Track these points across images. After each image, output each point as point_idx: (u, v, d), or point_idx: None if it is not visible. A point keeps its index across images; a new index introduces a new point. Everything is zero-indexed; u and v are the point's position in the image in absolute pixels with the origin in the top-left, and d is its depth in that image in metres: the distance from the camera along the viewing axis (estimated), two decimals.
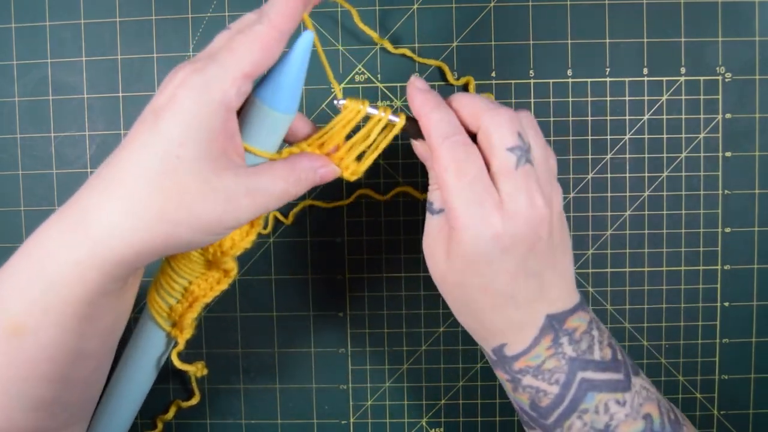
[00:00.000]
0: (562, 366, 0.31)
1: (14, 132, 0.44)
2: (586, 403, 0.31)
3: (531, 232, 0.30)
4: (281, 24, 0.27)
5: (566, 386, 0.31)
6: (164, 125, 0.25)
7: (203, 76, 0.26)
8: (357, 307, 0.45)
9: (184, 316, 0.35)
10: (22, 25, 0.44)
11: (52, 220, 0.27)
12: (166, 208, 0.25)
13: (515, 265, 0.30)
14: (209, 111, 0.25)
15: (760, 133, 0.44)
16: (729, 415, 0.45)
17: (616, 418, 0.31)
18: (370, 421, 0.46)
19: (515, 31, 0.43)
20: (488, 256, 0.30)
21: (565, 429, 0.32)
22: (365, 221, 0.45)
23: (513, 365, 0.32)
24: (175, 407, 0.45)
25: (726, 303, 0.44)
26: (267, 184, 0.28)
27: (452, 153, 0.30)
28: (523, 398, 0.33)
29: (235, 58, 0.26)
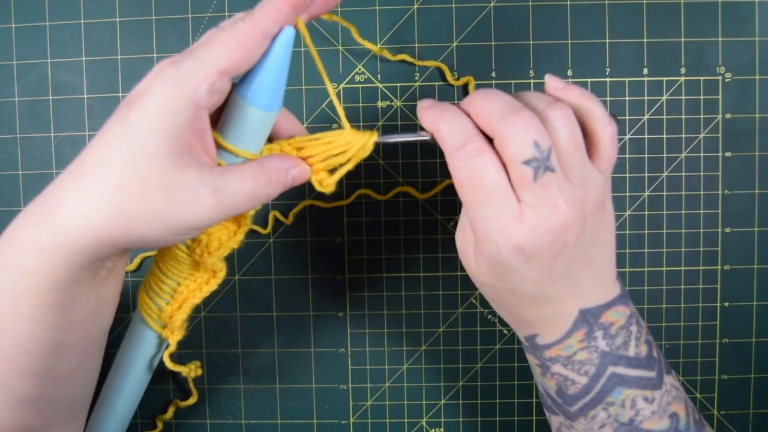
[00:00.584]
0: (593, 359, 0.31)
1: (14, 132, 0.44)
2: (613, 397, 0.31)
3: (555, 240, 0.28)
4: (264, 25, 0.26)
5: (595, 378, 0.31)
6: (133, 116, 0.25)
7: (177, 70, 0.25)
8: (357, 307, 0.45)
9: (174, 317, 0.34)
10: (22, 25, 0.44)
11: (23, 213, 0.27)
12: (125, 199, 0.25)
13: (540, 272, 0.29)
14: (178, 104, 0.25)
15: (760, 133, 0.44)
16: (729, 415, 0.45)
17: (641, 414, 0.31)
18: (370, 421, 0.46)
19: (515, 31, 0.43)
20: (510, 266, 0.29)
21: (588, 418, 0.32)
22: (365, 221, 0.45)
23: (544, 353, 0.32)
24: (174, 407, 0.45)
25: (726, 303, 0.44)
26: (234, 184, 0.27)
27: (465, 166, 0.29)
28: (550, 383, 0.33)
29: (211, 54, 0.26)
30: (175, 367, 0.36)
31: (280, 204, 0.44)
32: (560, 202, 0.28)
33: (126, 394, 0.37)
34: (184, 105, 0.25)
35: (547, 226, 0.28)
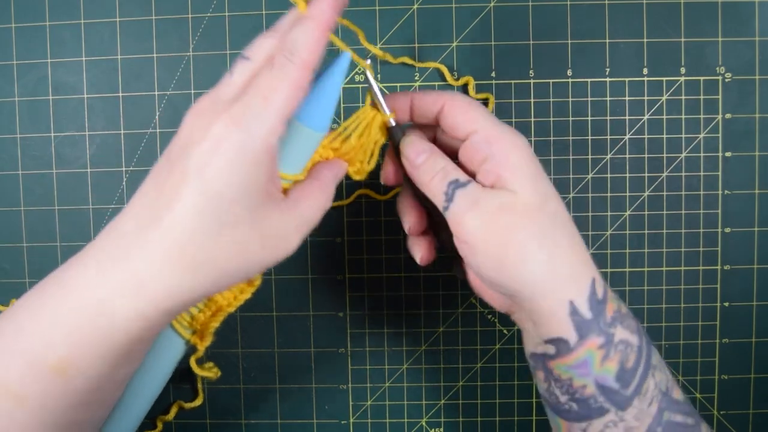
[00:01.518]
0: (627, 311, 0.30)
1: (14, 132, 0.44)
2: (654, 358, 0.30)
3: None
4: (311, 59, 0.27)
5: (640, 334, 0.30)
6: (216, 185, 0.25)
7: (244, 132, 0.25)
8: (357, 307, 0.45)
9: (207, 325, 0.35)
10: (22, 25, 0.44)
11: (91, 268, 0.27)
12: (226, 260, 0.26)
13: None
14: (255, 164, 0.26)
15: (760, 133, 0.44)
16: (729, 415, 0.45)
17: (670, 380, 0.31)
18: (370, 421, 0.46)
19: (515, 31, 0.43)
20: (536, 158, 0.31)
21: (642, 395, 0.30)
22: (365, 221, 0.45)
23: (606, 314, 0.30)
24: (177, 408, 0.45)
25: (726, 303, 0.44)
26: (309, 213, 0.29)
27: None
28: (611, 366, 0.30)
29: (272, 107, 0.26)
30: (202, 372, 0.37)
31: None
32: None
33: (146, 396, 0.37)
34: (262, 162, 0.26)
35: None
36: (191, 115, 0.27)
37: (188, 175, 0.25)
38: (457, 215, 0.30)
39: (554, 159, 0.44)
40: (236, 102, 0.26)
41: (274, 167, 0.27)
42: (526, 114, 0.43)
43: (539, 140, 0.44)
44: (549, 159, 0.44)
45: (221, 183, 0.25)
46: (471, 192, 0.30)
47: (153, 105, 0.44)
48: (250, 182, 0.26)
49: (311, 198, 0.30)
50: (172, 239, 0.25)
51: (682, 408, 0.31)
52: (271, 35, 0.28)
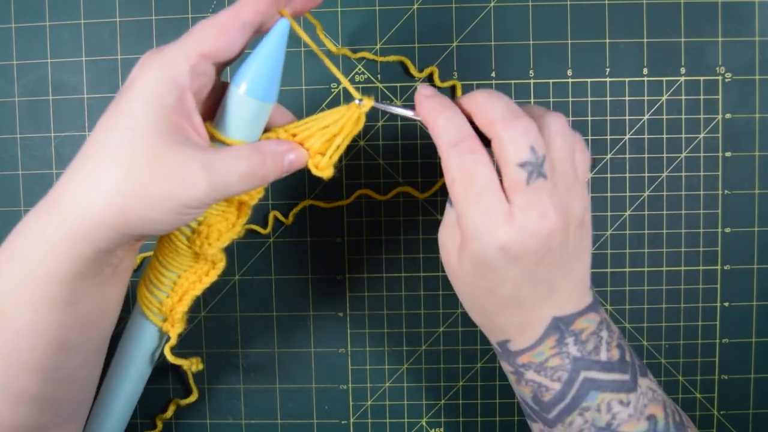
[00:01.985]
0: (565, 365, 0.31)
1: (14, 132, 0.44)
2: (588, 402, 0.31)
3: (540, 245, 0.29)
4: (244, 13, 0.28)
5: (568, 384, 0.31)
6: (122, 102, 0.27)
7: (160, 56, 0.27)
8: (357, 307, 0.45)
9: (175, 309, 0.34)
10: (22, 25, 0.44)
11: (35, 207, 0.28)
12: (119, 180, 0.26)
13: (522, 275, 0.30)
14: (162, 87, 0.26)
15: (760, 133, 0.44)
16: (729, 415, 0.45)
17: (618, 418, 0.31)
18: (370, 421, 0.46)
19: (515, 31, 0.43)
20: (494, 266, 0.29)
21: (566, 424, 0.32)
22: (365, 221, 0.45)
23: (517, 359, 0.32)
24: (174, 406, 0.45)
25: (726, 303, 0.44)
26: (227, 162, 0.28)
27: (460, 162, 0.29)
28: (526, 391, 0.33)
29: (191, 39, 0.27)
30: (176, 360, 0.36)
31: (280, 204, 0.44)
32: (549, 209, 0.29)
33: (127, 390, 0.37)
34: (168, 87, 0.27)
35: (534, 230, 0.29)
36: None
37: (113, 101, 0.28)
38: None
39: None
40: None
41: (187, 104, 0.27)
42: None
43: None
44: None
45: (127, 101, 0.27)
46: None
47: None
48: (154, 102, 0.26)
49: (235, 153, 0.28)
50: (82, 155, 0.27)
51: None
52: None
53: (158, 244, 0.34)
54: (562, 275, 0.31)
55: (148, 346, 0.36)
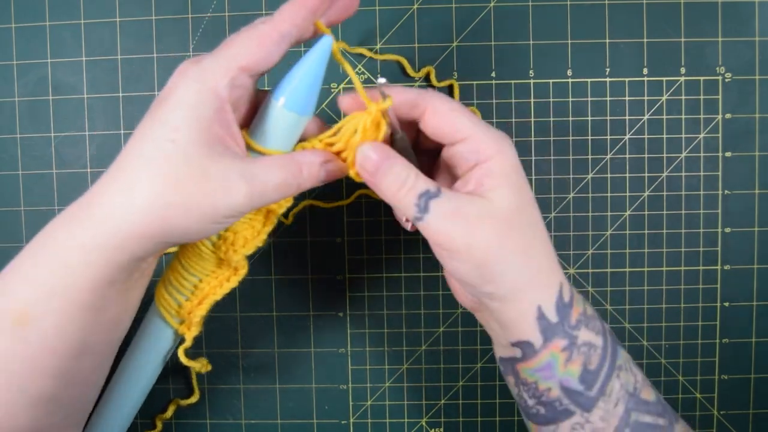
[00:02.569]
0: (595, 315, 0.31)
1: (14, 132, 0.44)
2: (620, 359, 0.31)
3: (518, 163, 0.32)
4: (282, 26, 0.28)
5: (604, 336, 0.31)
6: (161, 112, 0.27)
7: (199, 67, 0.27)
8: (357, 307, 0.45)
9: (193, 313, 0.35)
10: (22, 25, 0.44)
11: (62, 213, 0.28)
12: (161, 191, 0.26)
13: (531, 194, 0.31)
14: (202, 99, 0.26)
15: (760, 133, 0.44)
16: (729, 415, 0.45)
17: (638, 380, 0.31)
18: (370, 421, 0.46)
19: (515, 31, 0.43)
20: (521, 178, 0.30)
21: (606, 396, 0.30)
22: (365, 221, 0.45)
23: (571, 317, 0.30)
24: (174, 406, 0.45)
25: (726, 303, 0.44)
26: (265, 172, 0.28)
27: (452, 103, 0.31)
28: (574, 368, 0.30)
29: (230, 51, 0.27)
30: (189, 362, 0.36)
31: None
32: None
33: (136, 388, 0.37)
34: (208, 99, 0.27)
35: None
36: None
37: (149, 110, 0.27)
38: (436, 224, 0.29)
39: (554, 159, 0.44)
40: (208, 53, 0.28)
41: (227, 115, 0.28)
42: (526, 114, 0.43)
43: (539, 140, 0.44)
44: (549, 159, 0.44)
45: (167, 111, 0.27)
46: (448, 201, 0.29)
47: None
48: (191, 116, 0.26)
49: (272, 162, 0.29)
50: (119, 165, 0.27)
51: (652, 408, 0.31)
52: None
53: (181, 248, 0.34)
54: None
55: (163, 347, 0.36)
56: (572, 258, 0.44)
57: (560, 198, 0.44)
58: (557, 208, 0.44)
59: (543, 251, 0.30)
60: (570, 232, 0.44)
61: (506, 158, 0.30)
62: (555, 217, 0.44)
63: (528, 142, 0.44)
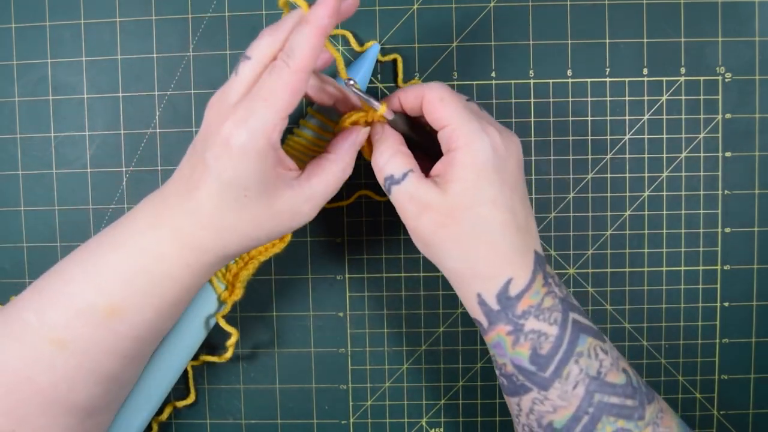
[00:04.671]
0: (556, 304, 0.32)
1: (14, 132, 0.44)
2: (581, 346, 0.32)
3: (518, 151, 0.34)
4: (307, 65, 0.29)
5: (563, 326, 0.32)
6: (227, 173, 0.30)
7: (248, 130, 0.29)
8: (357, 307, 0.45)
9: (239, 274, 0.39)
10: (22, 25, 0.44)
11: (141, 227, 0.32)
12: (247, 231, 0.32)
13: (513, 179, 0.33)
14: (260, 157, 0.29)
15: (760, 133, 0.44)
16: (729, 415, 0.45)
17: (604, 365, 0.32)
18: (370, 421, 0.46)
19: (515, 31, 0.43)
20: (494, 162, 0.32)
21: (563, 378, 0.32)
22: (365, 221, 0.45)
23: (516, 308, 0.32)
24: (171, 408, 0.44)
25: (726, 303, 0.44)
26: (320, 185, 0.33)
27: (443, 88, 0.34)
28: (523, 350, 0.32)
29: (270, 109, 0.29)
30: (228, 327, 0.40)
31: None
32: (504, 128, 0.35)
33: (183, 350, 0.40)
34: (265, 153, 0.30)
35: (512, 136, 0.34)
36: (207, 112, 0.31)
37: (208, 166, 0.30)
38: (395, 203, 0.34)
39: (554, 159, 0.44)
40: (242, 103, 0.30)
41: (278, 153, 0.31)
42: (526, 114, 0.44)
43: (539, 140, 0.44)
44: (549, 159, 0.44)
45: (231, 173, 0.30)
46: (404, 188, 0.33)
47: (153, 105, 0.44)
48: (256, 171, 0.30)
49: (322, 173, 0.33)
50: (202, 210, 0.31)
51: (619, 390, 0.32)
52: (270, 33, 0.31)
53: None
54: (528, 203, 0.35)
55: (206, 311, 0.40)
56: (572, 258, 0.44)
57: (560, 198, 0.44)
58: (557, 208, 0.44)
59: (489, 247, 0.32)
60: (570, 232, 0.44)
61: (471, 153, 0.32)
62: (555, 217, 0.44)
63: (528, 142, 0.44)
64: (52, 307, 0.31)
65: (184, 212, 0.31)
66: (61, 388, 0.31)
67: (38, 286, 0.33)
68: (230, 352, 0.42)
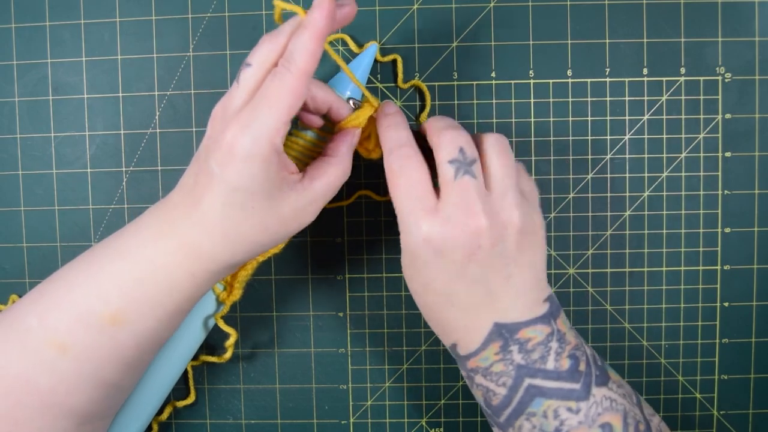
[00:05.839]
0: (509, 371, 0.32)
1: (14, 132, 0.44)
2: (534, 408, 0.32)
3: (467, 240, 0.31)
4: (308, 68, 0.29)
5: (513, 389, 0.32)
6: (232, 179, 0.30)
7: (252, 136, 0.29)
8: (357, 307, 0.45)
9: (238, 275, 0.39)
10: (22, 25, 0.44)
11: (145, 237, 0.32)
12: (254, 237, 0.32)
13: (453, 270, 0.32)
14: (265, 161, 0.29)
15: (760, 133, 0.44)
16: (729, 415, 0.45)
17: (567, 424, 0.32)
18: (370, 421, 0.46)
19: (515, 31, 0.43)
20: (423, 258, 0.32)
21: (516, 428, 0.33)
22: (365, 221, 0.45)
23: (466, 363, 0.34)
24: (171, 408, 0.44)
25: (726, 303, 0.44)
26: (322, 187, 0.33)
27: (395, 165, 0.33)
28: (478, 394, 0.35)
29: (274, 113, 0.29)
30: (226, 327, 0.41)
31: None
32: (475, 204, 0.31)
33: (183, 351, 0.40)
34: (270, 159, 0.30)
35: (458, 223, 0.31)
36: (210, 121, 0.32)
37: (213, 174, 0.30)
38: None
39: (554, 159, 0.44)
40: (244, 110, 0.30)
41: (283, 159, 0.31)
42: (526, 114, 0.44)
43: (539, 140, 0.44)
44: (549, 159, 0.44)
45: (237, 179, 0.30)
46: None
47: (153, 105, 0.44)
48: (261, 176, 0.30)
49: (324, 176, 0.33)
50: (208, 218, 0.31)
51: None
52: (269, 40, 0.31)
53: None
54: (501, 279, 0.32)
55: (206, 311, 0.40)
56: (572, 258, 0.44)
57: (560, 198, 0.44)
58: (557, 208, 0.44)
59: (430, 315, 0.35)
60: (570, 232, 0.44)
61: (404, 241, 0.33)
62: (555, 217, 0.44)
63: (528, 142, 0.44)
64: (55, 312, 0.31)
65: (190, 222, 0.31)
66: (59, 392, 0.31)
67: (41, 290, 0.33)
68: (229, 352, 0.42)
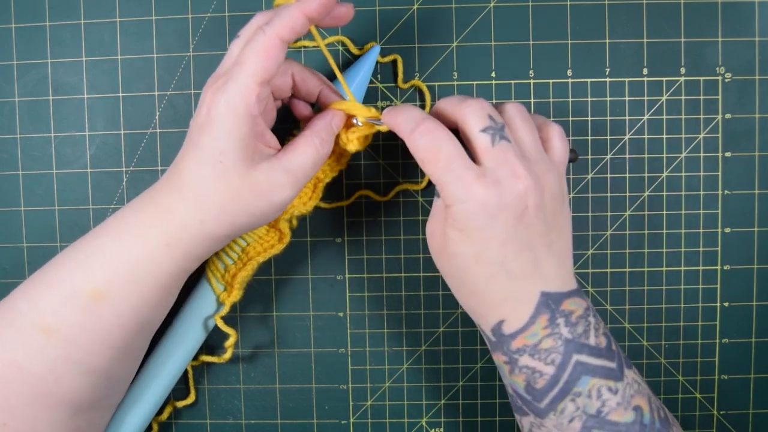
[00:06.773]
0: (558, 346, 0.32)
1: (14, 132, 0.44)
2: (580, 387, 0.32)
3: (516, 201, 0.31)
4: (282, 33, 0.30)
5: (562, 367, 0.32)
6: (206, 140, 0.31)
7: (226, 95, 0.30)
8: (357, 307, 0.45)
9: (237, 275, 0.39)
10: (22, 25, 0.44)
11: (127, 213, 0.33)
12: (224, 202, 0.32)
13: (505, 233, 0.31)
14: (238, 122, 0.30)
15: (759, 133, 0.44)
16: (729, 415, 0.45)
17: (607, 405, 0.32)
18: (370, 421, 0.46)
19: (515, 31, 0.43)
20: (478, 224, 0.31)
21: (558, 412, 0.32)
22: (365, 221, 0.45)
23: (511, 344, 0.33)
24: (171, 408, 0.44)
25: (726, 303, 0.44)
26: (299, 158, 0.33)
27: (422, 143, 0.32)
28: (519, 380, 0.33)
29: (246, 73, 0.30)
30: (226, 328, 0.41)
31: None
32: (518, 166, 0.31)
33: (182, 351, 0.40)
34: (244, 120, 0.30)
35: (507, 185, 0.31)
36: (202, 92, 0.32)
37: (191, 138, 0.32)
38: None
39: None
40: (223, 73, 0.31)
41: (258, 125, 0.32)
42: None
43: None
44: None
45: (208, 137, 0.31)
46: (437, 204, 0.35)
47: (153, 105, 0.44)
48: (233, 135, 0.30)
49: (300, 149, 0.33)
50: (182, 183, 0.32)
51: (623, 429, 0.32)
52: (261, 14, 0.32)
53: None
54: (545, 244, 0.32)
55: (205, 312, 0.40)
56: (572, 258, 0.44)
57: None
58: None
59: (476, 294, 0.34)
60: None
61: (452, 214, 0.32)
62: None
63: None
64: (43, 295, 0.32)
65: (168, 188, 0.32)
66: (48, 380, 0.31)
67: (34, 276, 0.34)
68: (229, 353, 0.42)
